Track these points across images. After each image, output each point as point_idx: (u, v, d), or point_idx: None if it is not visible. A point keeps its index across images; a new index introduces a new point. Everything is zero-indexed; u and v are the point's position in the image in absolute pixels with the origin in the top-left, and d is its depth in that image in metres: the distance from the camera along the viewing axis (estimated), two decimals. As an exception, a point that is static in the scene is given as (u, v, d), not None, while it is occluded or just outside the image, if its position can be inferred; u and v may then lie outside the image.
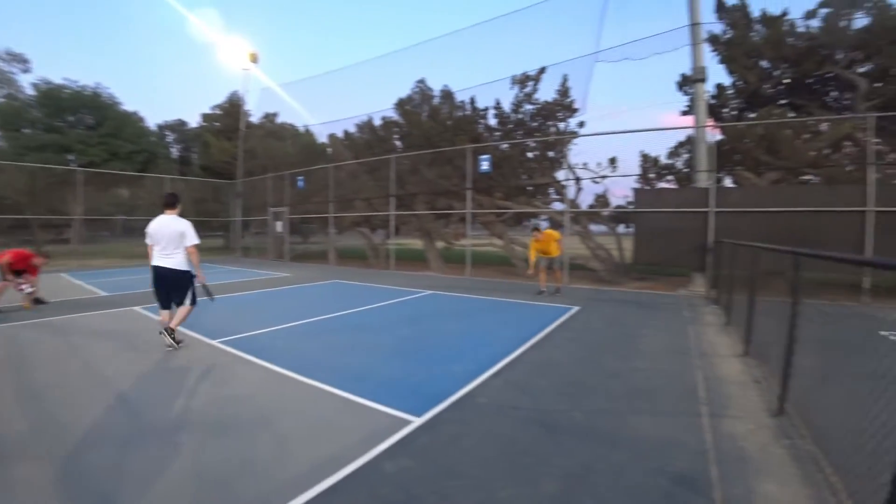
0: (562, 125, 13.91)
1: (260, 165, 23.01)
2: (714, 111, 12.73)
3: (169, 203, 5.28)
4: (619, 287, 11.12)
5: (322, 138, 21.42)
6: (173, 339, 5.20)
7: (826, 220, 8.74)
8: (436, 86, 16.93)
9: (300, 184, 18.79)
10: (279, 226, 19.99)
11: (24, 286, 7.83)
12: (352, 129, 19.38)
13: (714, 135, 11.06)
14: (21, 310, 7.59)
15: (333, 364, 4.68)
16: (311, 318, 7.10)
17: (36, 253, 8.45)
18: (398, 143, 17.32)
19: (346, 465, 2.64)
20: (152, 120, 42.29)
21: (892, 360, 1.92)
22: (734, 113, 12.90)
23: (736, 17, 12.22)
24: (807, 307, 3.14)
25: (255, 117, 27.55)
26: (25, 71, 32.68)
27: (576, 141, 12.97)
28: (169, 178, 21.67)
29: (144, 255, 5.62)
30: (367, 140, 18.21)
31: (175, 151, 37.82)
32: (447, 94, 16.59)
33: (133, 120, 32.20)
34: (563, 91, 13.79)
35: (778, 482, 2.49)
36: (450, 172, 14.58)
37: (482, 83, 15.62)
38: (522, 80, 14.27)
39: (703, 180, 10.49)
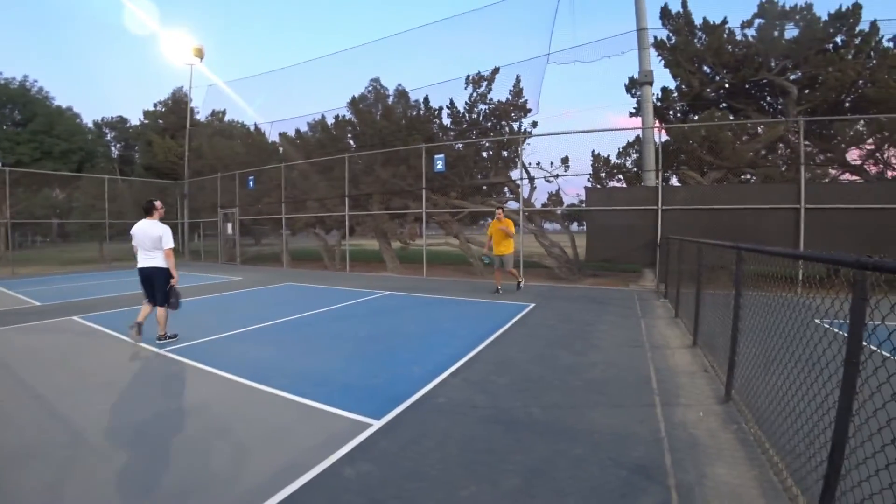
0: (515, 125, 14.10)
1: (208, 165, 22.12)
2: (660, 113, 13.24)
3: (146, 209, 5.69)
4: (573, 283, 11.39)
5: (273, 137, 20.86)
6: (168, 337, 5.70)
7: (765, 216, 9.28)
8: (390, 85, 16.84)
9: (250, 184, 18.22)
10: (229, 228, 19.32)
11: None
12: (304, 128, 19.00)
13: (661, 136, 11.50)
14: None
15: (289, 369, 4.55)
16: (264, 322, 6.88)
17: None
18: (352, 142, 17.08)
19: (304, 472, 2.56)
20: (89, 116, 39.95)
21: (825, 346, 2.03)
22: (679, 115, 13.46)
23: (679, 24, 12.75)
24: (748, 298, 3.31)
25: (202, 115, 26.56)
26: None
27: (529, 141, 13.20)
28: (108, 178, 20.45)
29: (81, 260, 5.35)
30: (320, 139, 17.86)
31: (115, 150, 35.91)
32: (402, 94, 16.53)
33: (67, 116, 30.26)
34: (517, 91, 13.98)
35: (727, 466, 2.60)
36: (404, 172, 14.52)
37: (436, 82, 15.63)
38: (476, 80, 14.38)
39: (651, 179, 10.89)
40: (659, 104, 13.20)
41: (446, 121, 15.21)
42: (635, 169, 12.58)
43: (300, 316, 7.41)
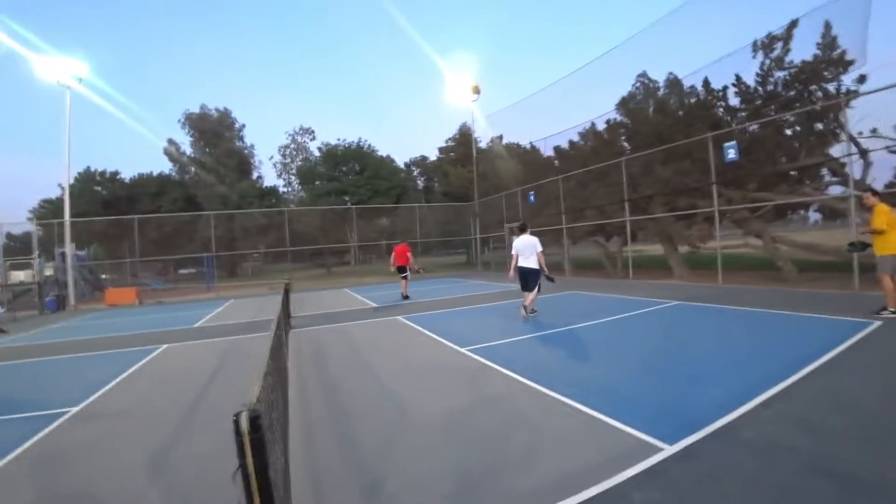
0: (832, 87, 11.36)
1: (493, 185, 24.83)
2: None
3: (522, 228, 8.80)
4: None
5: (548, 152, 21.97)
6: (532, 311, 8.42)
7: None
8: (659, 76, 15.75)
9: (531, 198, 19.59)
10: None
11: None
12: (576, 139, 19.37)
13: None
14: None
15: (574, 377, 4.78)
16: (550, 329, 7.41)
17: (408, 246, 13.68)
18: (626, 144, 16.59)
19: (591, 485, 2.62)
20: (401, 159, 49.60)
21: None
22: None
23: None
24: None
25: (484, 142, 29.84)
26: (313, 139, 42.92)
27: (854, 102, 10.44)
28: (418, 206, 25.20)
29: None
30: (593, 146, 17.92)
31: (420, 183, 43.59)
32: (674, 83, 15.24)
33: (387, 162, 38.37)
34: (828, 43, 11.25)
35: None
36: (689, 168, 13.30)
37: (714, 60, 13.79)
38: (767, 44, 12.17)
39: None
40: None
41: (734, 101, 13.31)
42: None
43: (585, 325, 7.65)
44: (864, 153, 10.03)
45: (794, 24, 11.80)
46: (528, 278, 8.35)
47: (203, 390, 5.28)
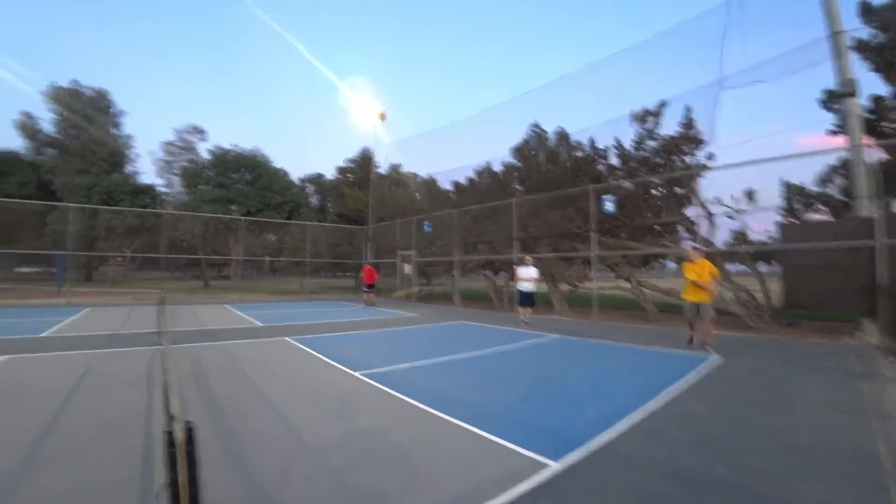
0: (688, 159, 13.32)
1: (388, 212, 24.93)
2: (872, 127, 11.34)
3: (526, 262, 11.91)
4: (765, 334, 10.19)
5: (445, 185, 22.74)
6: (526, 322, 11.58)
7: None
8: (549, 127, 17.32)
9: (426, 228, 20.02)
10: (407, 268, 21.33)
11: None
12: (472, 175, 20.34)
13: (875, 154, 9.86)
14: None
15: (467, 401, 4.95)
16: (441, 356, 7.57)
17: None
18: (518, 187, 17.77)
19: (487, 499, 2.76)
20: (296, 174, 47.75)
21: None
22: (899, 128, 11.36)
23: (887, 18, 10.91)
24: None
25: (384, 168, 30.01)
26: (203, 140, 39.89)
27: (705, 174, 12.35)
28: (310, 224, 24.35)
29: (286, 291, 7.32)
30: (488, 185, 18.93)
31: (314, 201, 42.29)
32: (563, 136, 16.79)
33: (281, 175, 36.67)
34: (688, 123, 13.25)
35: None
36: (572, 214, 14.60)
37: (601, 122, 15.58)
38: (642, 116, 14.01)
39: (866, 208, 9.38)
40: (869, 116, 11.31)
41: (614, 160, 15.00)
42: (842, 198, 10.93)
43: (474, 353, 7.94)
44: (710, 216, 11.84)
45: (663, 103, 13.75)
46: (527, 299, 11.70)
47: (57, 412, 4.49)
